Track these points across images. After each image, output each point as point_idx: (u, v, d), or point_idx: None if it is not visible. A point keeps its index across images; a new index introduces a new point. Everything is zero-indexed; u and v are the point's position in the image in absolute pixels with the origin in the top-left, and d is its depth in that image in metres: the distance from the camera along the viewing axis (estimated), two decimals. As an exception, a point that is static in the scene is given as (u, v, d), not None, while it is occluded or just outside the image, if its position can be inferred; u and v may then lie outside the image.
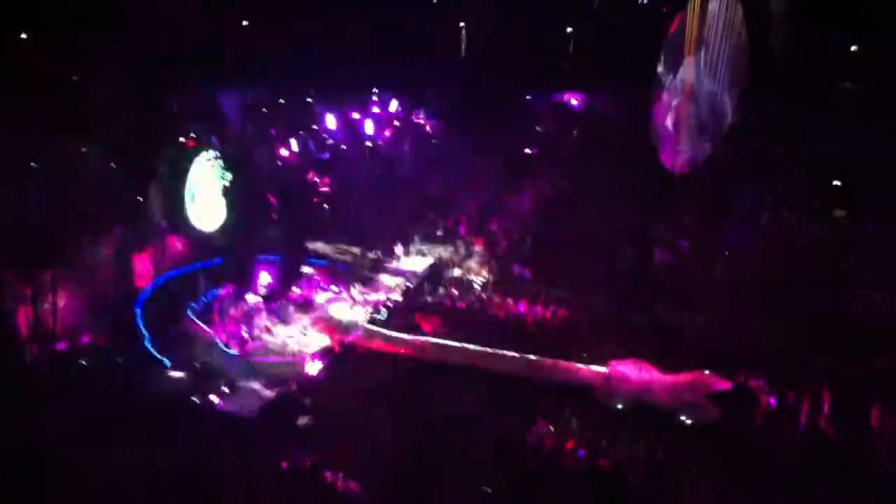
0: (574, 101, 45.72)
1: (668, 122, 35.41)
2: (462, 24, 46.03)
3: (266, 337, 32.24)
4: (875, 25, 38.07)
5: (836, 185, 36.57)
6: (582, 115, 44.97)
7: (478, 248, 38.02)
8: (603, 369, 29.66)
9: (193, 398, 27.69)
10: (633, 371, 29.63)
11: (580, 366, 29.89)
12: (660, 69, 34.30)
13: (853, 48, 40.95)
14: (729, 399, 27.83)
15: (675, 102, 35.26)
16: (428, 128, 42.26)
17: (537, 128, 44.35)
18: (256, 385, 28.93)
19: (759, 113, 39.68)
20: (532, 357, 30.28)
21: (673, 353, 30.61)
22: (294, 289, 35.00)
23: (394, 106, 41.51)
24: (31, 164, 30.77)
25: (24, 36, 33.60)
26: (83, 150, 32.44)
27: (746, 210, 36.79)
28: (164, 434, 25.21)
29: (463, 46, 45.57)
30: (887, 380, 27.47)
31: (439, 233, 40.29)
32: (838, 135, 36.80)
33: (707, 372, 29.21)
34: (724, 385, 28.44)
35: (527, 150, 43.21)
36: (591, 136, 43.00)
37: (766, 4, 42.49)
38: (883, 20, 37.51)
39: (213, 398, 27.77)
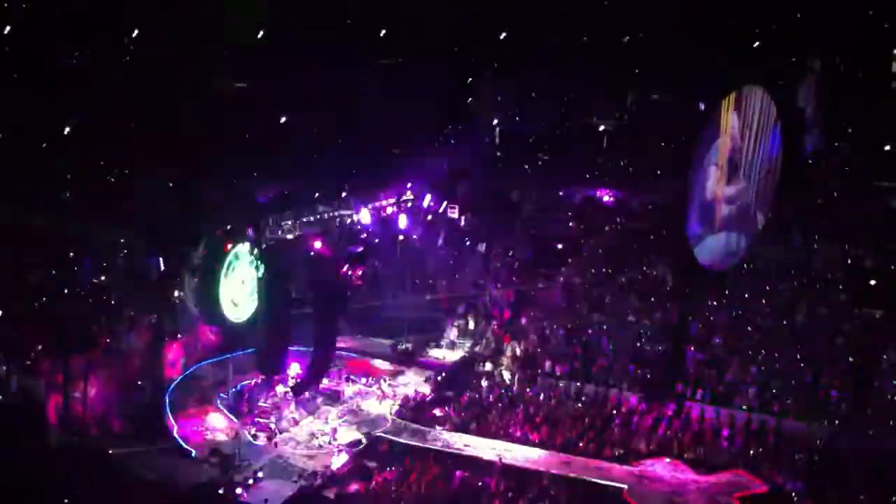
0: (606, 197, 46.03)
1: (703, 219, 35.43)
2: (495, 121, 46.81)
3: (293, 429, 32.05)
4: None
5: (871, 284, 36.32)
6: (614, 210, 45.22)
7: (508, 342, 37.74)
8: (635, 469, 29.07)
9: (219, 490, 27.41)
10: (666, 471, 29.05)
11: (612, 464, 29.31)
12: (694, 167, 34.44)
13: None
14: (765, 502, 27.11)
15: (709, 199, 35.35)
16: (460, 222, 42.52)
17: (569, 223, 44.63)
18: (282, 478, 28.62)
19: (794, 210, 39.79)
20: (563, 454, 29.81)
21: (707, 451, 30.14)
22: (323, 381, 34.92)
23: (426, 201, 41.86)
24: (69, 252, 31.28)
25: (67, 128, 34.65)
26: (121, 239, 32.99)
27: (781, 306, 36.49)
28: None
29: (496, 143, 46.27)
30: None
31: (470, 326, 40.16)
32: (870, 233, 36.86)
33: (742, 473, 28.60)
34: (760, 487, 27.75)
35: (558, 245, 43.37)
36: (623, 231, 43.17)
37: (799, 105, 42.98)
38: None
39: (239, 490, 27.45)
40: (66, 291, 31.02)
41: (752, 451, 29.83)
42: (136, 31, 36.12)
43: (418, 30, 43.31)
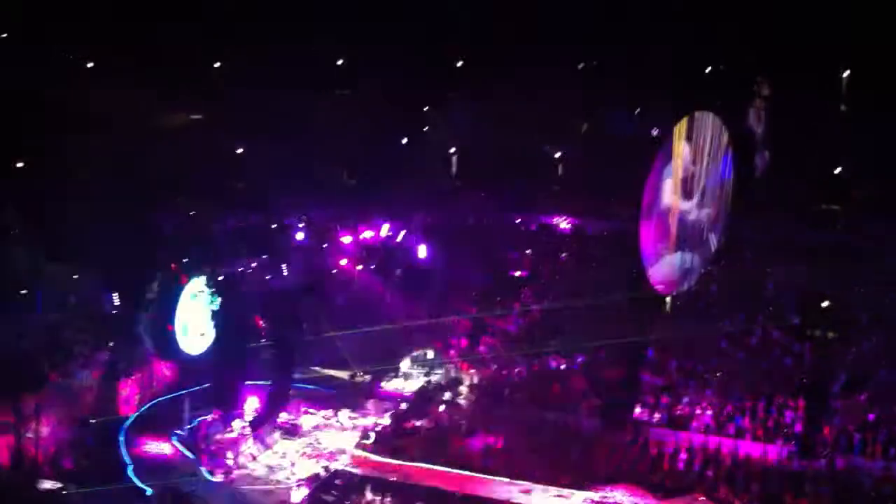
0: (563, 224, 46.40)
1: (657, 244, 35.83)
2: (452, 150, 47.06)
3: (251, 464, 31.72)
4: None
5: (825, 306, 36.87)
6: (570, 237, 45.58)
7: (466, 371, 37.76)
8: (595, 495, 29.10)
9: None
10: (625, 497, 29.10)
11: (571, 491, 29.31)
12: (647, 192, 34.84)
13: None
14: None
15: (662, 224, 35.76)
16: (416, 251, 42.59)
17: (526, 250, 44.84)
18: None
19: (746, 234, 40.42)
20: (522, 483, 29.78)
21: (666, 476, 30.29)
22: (281, 415, 34.65)
23: (383, 230, 41.96)
24: (20, 291, 30.90)
25: (20, 164, 34.35)
26: (74, 276, 32.67)
27: (736, 330, 36.92)
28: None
29: (451, 171, 46.50)
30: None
31: (428, 356, 40.08)
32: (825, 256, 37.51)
33: (701, 497, 28.74)
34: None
35: (516, 273, 43.56)
36: (578, 258, 43.50)
37: (749, 129, 43.78)
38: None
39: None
40: (16, 328, 30.61)
41: (709, 474, 30.01)
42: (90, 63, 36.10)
43: (375, 59, 43.66)
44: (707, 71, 43.31)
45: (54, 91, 34.50)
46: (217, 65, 40.85)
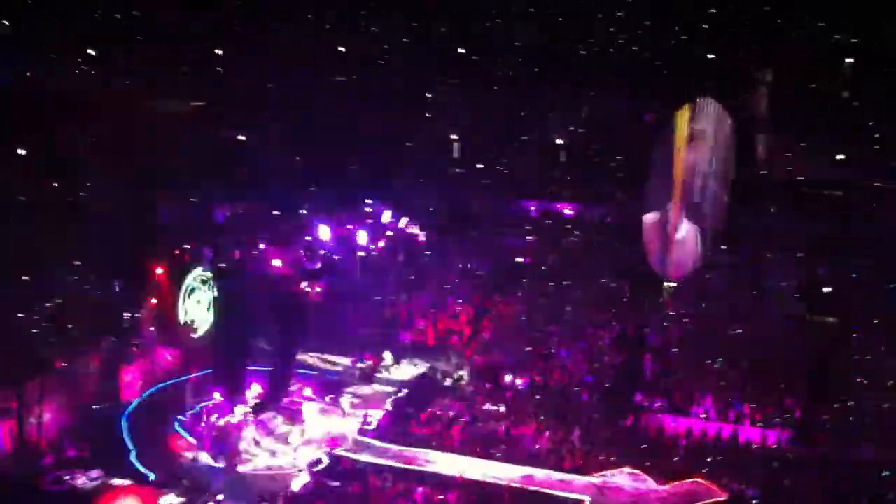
0: (567, 210, 46.33)
1: (659, 230, 35.78)
2: (454, 136, 46.94)
3: (253, 450, 31.81)
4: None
5: (826, 291, 36.87)
6: (572, 222, 45.50)
7: (468, 356, 37.84)
8: (596, 479, 29.21)
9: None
10: (626, 481, 29.20)
11: (573, 476, 29.43)
12: (650, 179, 34.82)
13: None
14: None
15: (665, 210, 35.71)
16: (419, 237, 42.64)
17: (528, 236, 44.83)
18: (243, 499, 28.37)
19: (749, 219, 40.33)
20: (524, 468, 29.89)
21: (666, 461, 30.40)
22: (283, 400, 34.72)
23: (385, 217, 41.98)
24: (22, 276, 30.96)
25: (21, 151, 34.30)
26: (76, 263, 32.72)
27: (739, 314, 36.96)
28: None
29: (454, 156, 46.38)
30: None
31: (430, 342, 40.13)
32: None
33: (701, 481, 28.83)
34: (719, 495, 27.98)
35: (518, 259, 43.56)
36: (581, 243, 43.47)
37: (752, 116, 43.62)
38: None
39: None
40: (19, 315, 30.73)
41: (709, 460, 30.10)
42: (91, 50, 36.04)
43: (374, 45, 43.55)
44: (710, 56, 43.07)
45: (54, 75, 34.49)
46: (217, 51, 40.65)
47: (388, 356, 38.65)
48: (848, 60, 41.21)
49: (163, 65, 37.61)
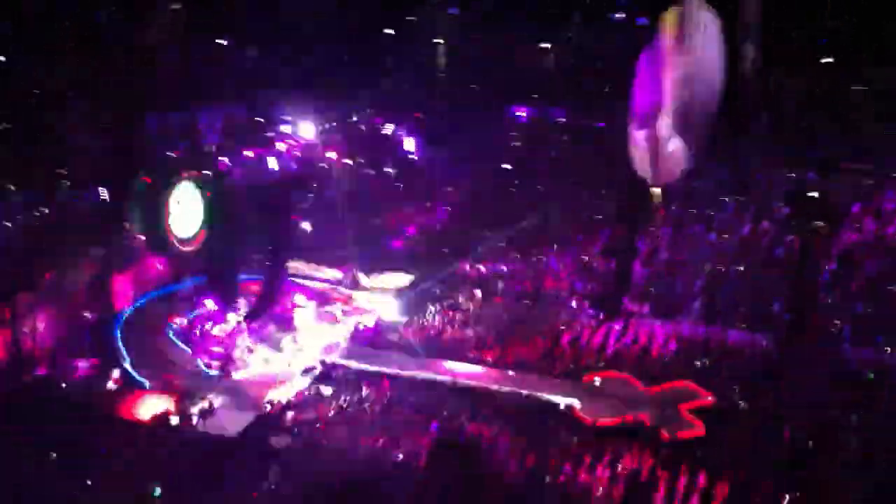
0: (554, 116, 45.90)
1: (646, 137, 35.58)
2: (440, 40, 46.16)
3: (247, 357, 32.10)
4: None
5: (812, 196, 36.89)
6: (561, 130, 45.16)
7: (458, 264, 37.97)
8: (584, 383, 29.67)
9: (174, 420, 27.51)
10: (615, 385, 29.65)
11: (563, 381, 29.87)
12: (638, 85, 34.41)
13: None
14: (712, 413, 27.85)
15: (653, 117, 35.43)
16: (407, 144, 42.32)
17: (516, 143, 44.52)
18: (237, 407, 28.76)
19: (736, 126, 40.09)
20: (512, 373, 30.32)
21: (655, 364, 30.87)
22: (275, 308, 34.90)
23: (373, 123, 41.62)
24: (9, 186, 30.67)
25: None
26: (61, 171, 32.36)
27: (726, 221, 37.10)
28: (143, 456, 25.15)
29: (440, 62, 45.69)
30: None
31: (421, 249, 40.19)
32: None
33: (689, 384, 29.29)
34: (707, 398, 28.49)
35: (506, 166, 43.36)
36: (570, 150, 43.23)
37: (742, 19, 42.96)
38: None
39: (194, 420, 27.58)
40: (6, 225, 30.54)
41: (698, 363, 30.57)
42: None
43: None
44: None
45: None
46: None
47: (379, 264, 38.74)
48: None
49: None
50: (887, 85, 37.15)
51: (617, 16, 42.84)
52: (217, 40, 39.67)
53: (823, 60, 39.45)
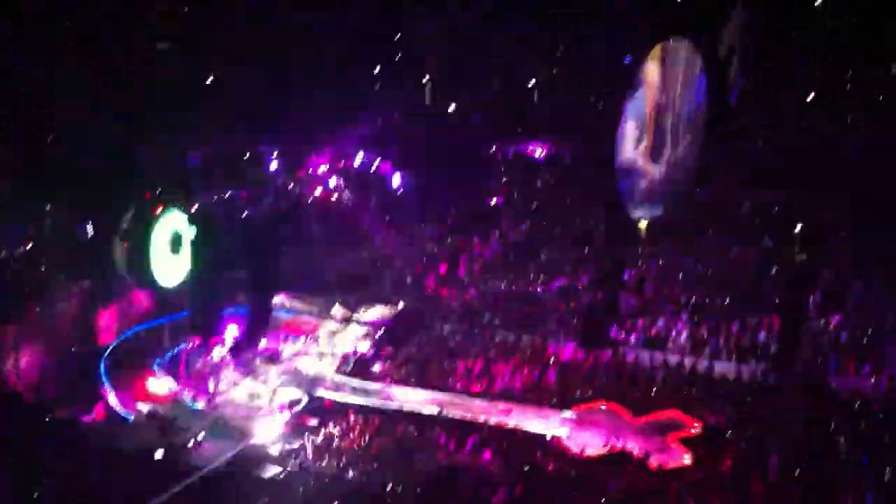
0: (539, 151, 46.16)
1: (632, 170, 35.85)
2: (427, 78, 46.44)
3: (232, 391, 31.94)
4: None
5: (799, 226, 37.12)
6: (546, 164, 45.41)
7: (445, 295, 38.01)
8: (572, 413, 29.62)
9: (159, 453, 27.26)
10: (602, 415, 29.61)
11: (550, 412, 29.81)
12: (623, 120, 34.76)
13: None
14: (699, 443, 27.80)
15: (636, 149, 35.73)
16: (393, 179, 42.45)
17: (503, 178, 44.74)
18: (222, 439, 28.55)
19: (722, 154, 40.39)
20: (501, 403, 30.24)
21: (643, 396, 30.84)
22: (261, 341, 34.80)
23: (358, 158, 41.72)
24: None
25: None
26: (47, 206, 32.27)
27: (713, 250, 37.29)
28: (129, 490, 24.87)
29: (427, 99, 45.94)
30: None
31: (407, 281, 40.21)
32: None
33: (677, 414, 29.28)
34: (695, 427, 28.46)
35: (492, 200, 43.56)
36: (555, 183, 43.46)
37: (723, 55, 43.43)
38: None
39: (179, 453, 27.35)
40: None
41: (685, 393, 30.59)
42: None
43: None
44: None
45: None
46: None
47: (364, 296, 38.73)
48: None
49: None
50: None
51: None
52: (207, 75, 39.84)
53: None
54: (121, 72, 33.09)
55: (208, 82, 39.38)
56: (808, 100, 39.60)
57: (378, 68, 43.98)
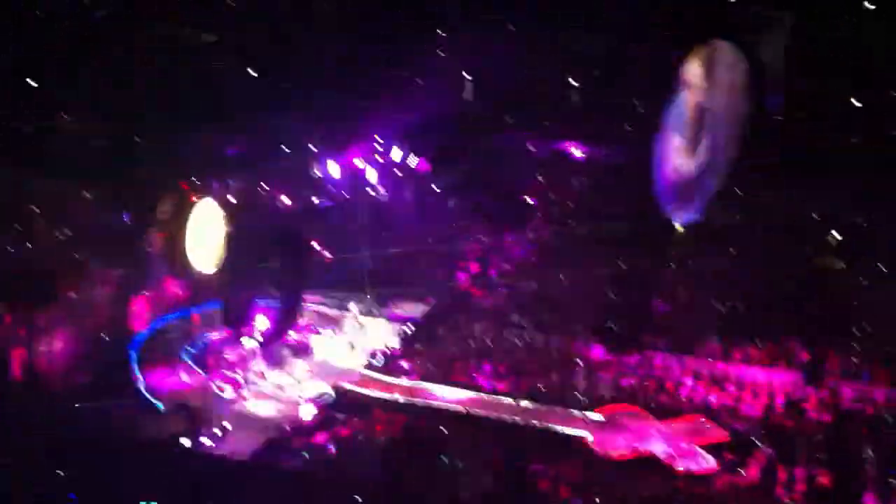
0: (576, 152, 45.91)
1: (670, 175, 35.56)
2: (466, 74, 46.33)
3: (260, 382, 32.13)
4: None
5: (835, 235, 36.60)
6: (582, 165, 45.16)
7: (475, 293, 37.93)
8: (599, 416, 29.45)
9: (186, 442, 27.52)
10: (629, 419, 29.43)
11: (576, 412, 29.67)
12: (663, 123, 34.48)
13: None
14: (726, 449, 27.52)
15: (675, 154, 35.43)
16: (428, 176, 42.38)
17: (538, 177, 44.52)
18: (249, 430, 28.74)
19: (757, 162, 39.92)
20: (527, 403, 30.15)
21: (670, 400, 30.60)
22: (290, 333, 34.97)
23: (394, 154, 41.68)
24: (31, 206, 30.97)
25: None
26: (85, 193, 32.66)
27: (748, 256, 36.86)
28: (155, 478, 25.06)
29: (465, 95, 45.83)
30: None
31: (437, 278, 40.17)
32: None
33: (704, 420, 29.03)
34: (721, 434, 28.19)
35: (527, 199, 43.34)
36: (591, 184, 43.18)
37: (767, 59, 42.90)
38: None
39: (206, 442, 27.59)
40: (28, 246, 30.80)
41: (713, 399, 30.30)
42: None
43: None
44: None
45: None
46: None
47: (395, 291, 38.74)
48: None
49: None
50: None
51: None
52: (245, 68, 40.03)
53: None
54: (160, 61, 33.37)
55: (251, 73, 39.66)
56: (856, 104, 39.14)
57: (417, 64, 44.04)
